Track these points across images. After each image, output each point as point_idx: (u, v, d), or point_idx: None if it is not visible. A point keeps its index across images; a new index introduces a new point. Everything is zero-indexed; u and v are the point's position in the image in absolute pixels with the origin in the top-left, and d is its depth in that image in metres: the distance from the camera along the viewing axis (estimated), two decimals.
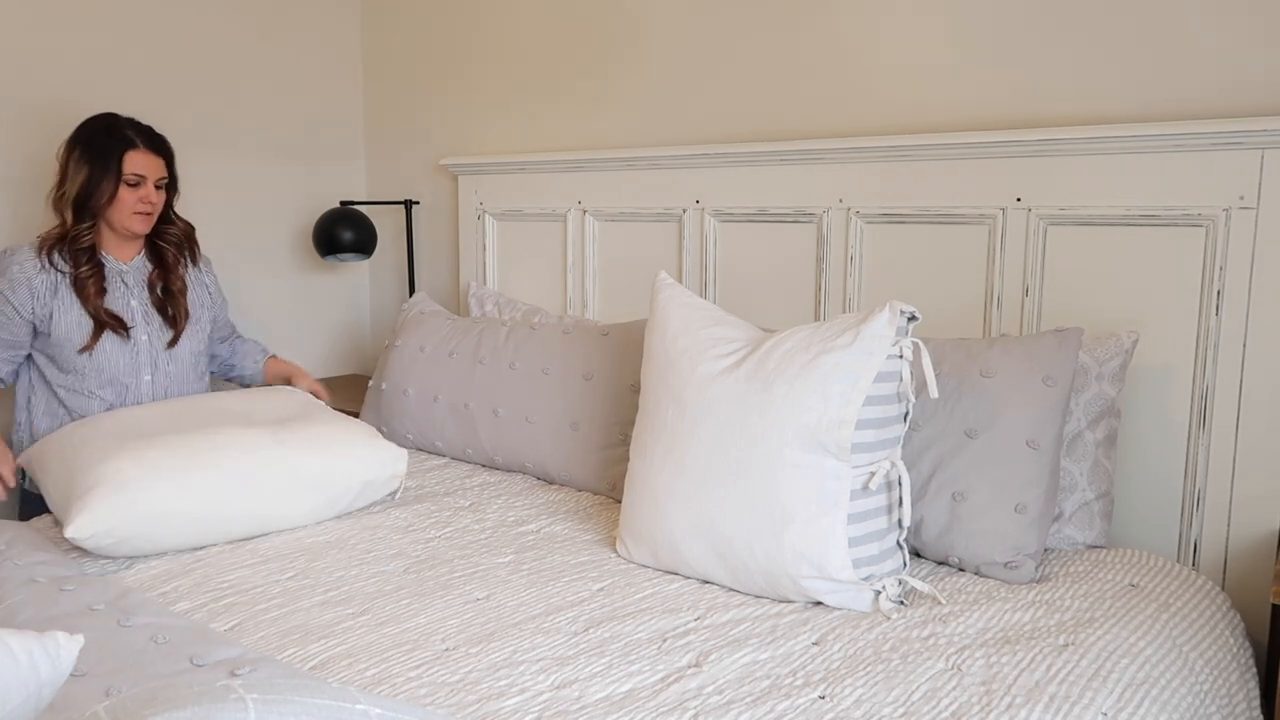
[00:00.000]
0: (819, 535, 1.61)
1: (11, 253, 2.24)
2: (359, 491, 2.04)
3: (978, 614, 1.57)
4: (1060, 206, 1.94)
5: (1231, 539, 1.82)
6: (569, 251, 2.74)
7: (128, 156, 2.22)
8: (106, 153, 2.21)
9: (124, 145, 2.22)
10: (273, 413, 2.14)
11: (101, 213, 2.23)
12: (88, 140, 2.23)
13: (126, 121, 2.27)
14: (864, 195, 2.19)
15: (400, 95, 3.20)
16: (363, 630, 1.54)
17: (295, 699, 0.82)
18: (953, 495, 1.75)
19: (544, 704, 1.33)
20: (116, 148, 2.21)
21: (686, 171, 2.47)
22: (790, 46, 2.33)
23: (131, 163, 2.22)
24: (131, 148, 2.23)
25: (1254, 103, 1.77)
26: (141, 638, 1.45)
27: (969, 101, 2.08)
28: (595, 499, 2.18)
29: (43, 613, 1.53)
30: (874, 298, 2.19)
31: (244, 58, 2.99)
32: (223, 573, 1.76)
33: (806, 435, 1.62)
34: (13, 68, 2.54)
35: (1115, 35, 1.91)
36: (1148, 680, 1.38)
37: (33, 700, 1.00)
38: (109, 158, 2.21)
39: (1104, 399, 1.84)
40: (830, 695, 1.34)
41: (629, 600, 1.66)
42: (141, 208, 2.26)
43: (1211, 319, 1.80)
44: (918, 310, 1.67)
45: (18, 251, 2.24)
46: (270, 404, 2.19)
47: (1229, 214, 1.77)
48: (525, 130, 2.87)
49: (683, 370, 1.78)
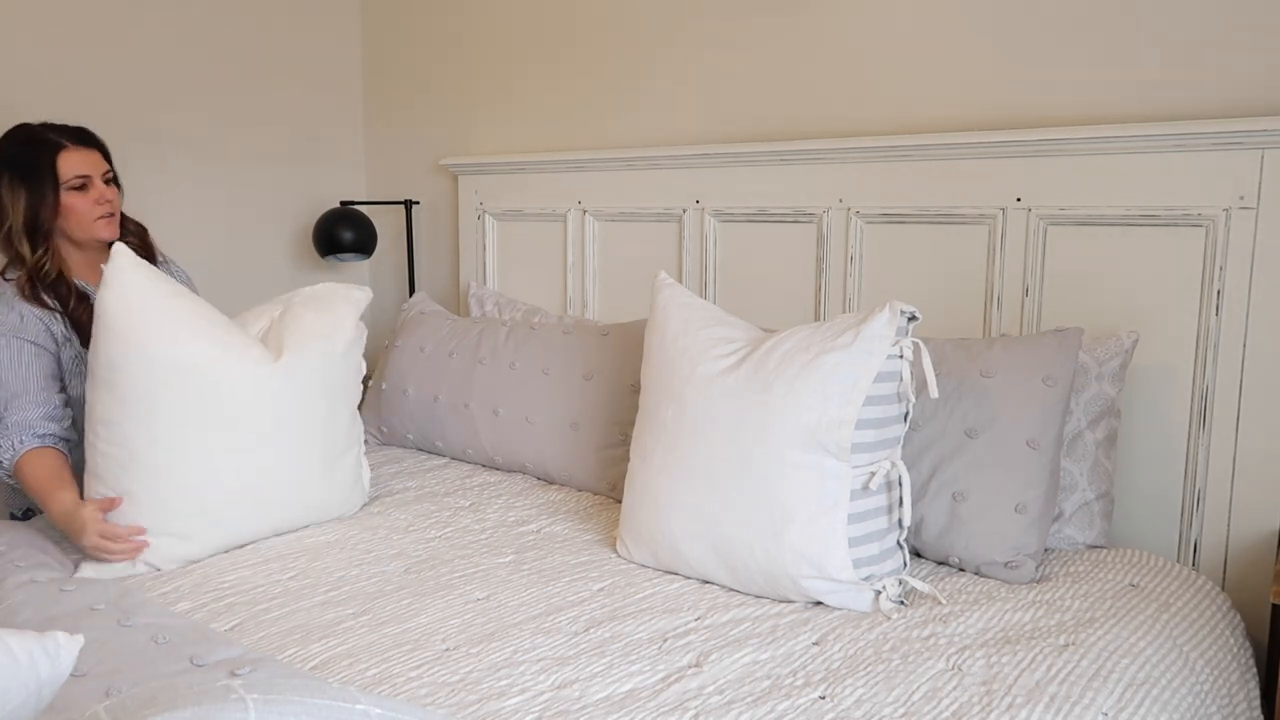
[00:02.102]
0: (819, 535, 1.61)
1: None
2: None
3: (978, 614, 1.57)
4: (1060, 206, 1.94)
5: (1231, 539, 1.82)
6: (569, 251, 2.74)
7: (61, 159, 2.00)
8: (37, 164, 1.99)
9: (52, 150, 2.00)
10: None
11: (56, 232, 2.02)
12: (11, 159, 2.01)
13: (43, 126, 2.05)
14: (864, 195, 2.19)
15: (400, 95, 3.20)
16: (363, 630, 1.54)
17: (296, 699, 0.82)
18: (953, 495, 1.75)
19: (544, 704, 1.33)
20: (46, 155, 1.99)
21: (686, 171, 2.47)
22: (790, 46, 2.33)
23: (68, 164, 2.00)
24: (60, 150, 2.00)
25: (1254, 103, 1.77)
26: (142, 638, 1.45)
27: (969, 101, 2.08)
28: (595, 499, 2.18)
29: (43, 613, 1.54)
30: (874, 298, 2.19)
31: (244, 58, 2.99)
32: (223, 573, 1.76)
33: (806, 435, 1.62)
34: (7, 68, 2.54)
35: (1115, 35, 1.91)
36: (1148, 680, 1.38)
37: (33, 700, 1.00)
38: (41, 169, 1.98)
39: (1104, 399, 1.84)
40: (831, 695, 1.34)
41: (629, 600, 1.66)
42: (101, 210, 2.04)
43: (1211, 319, 1.80)
44: (918, 310, 1.67)
45: (3, 296, 1.99)
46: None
47: (1229, 214, 1.77)
48: (525, 130, 2.87)
49: (683, 370, 1.78)
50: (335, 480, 2.02)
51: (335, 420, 2.01)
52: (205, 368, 1.79)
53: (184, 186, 2.88)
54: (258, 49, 3.02)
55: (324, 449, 1.98)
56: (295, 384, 1.90)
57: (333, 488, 2.01)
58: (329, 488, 2.01)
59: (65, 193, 2.01)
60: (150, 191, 2.78)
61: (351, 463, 2.07)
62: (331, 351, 1.97)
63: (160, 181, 2.82)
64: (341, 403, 2.03)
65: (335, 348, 1.98)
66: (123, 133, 2.71)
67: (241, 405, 1.83)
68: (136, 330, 1.74)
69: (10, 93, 2.54)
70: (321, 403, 1.97)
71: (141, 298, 1.77)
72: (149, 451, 1.76)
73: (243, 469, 1.84)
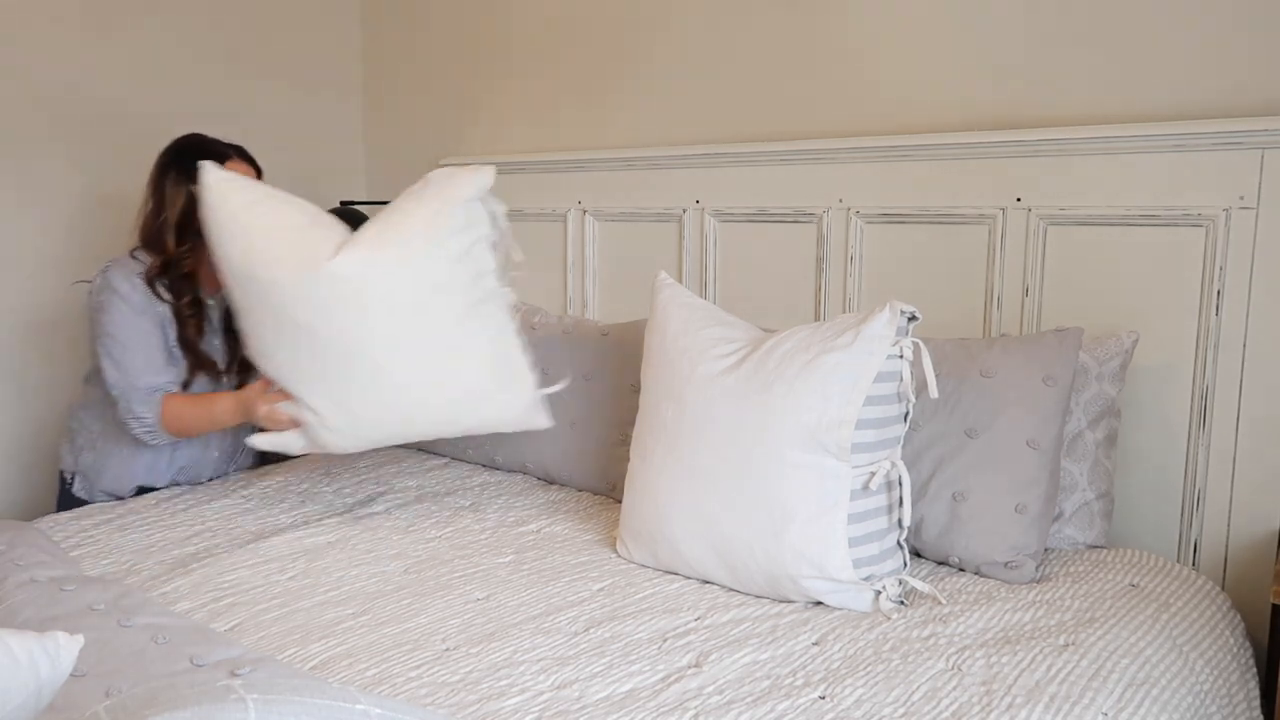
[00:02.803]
0: (819, 535, 1.61)
1: (114, 273, 2.10)
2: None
3: (978, 614, 1.57)
4: (1060, 206, 1.94)
5: (1231, 539, 1.82)
6: (569, 251, 2.74)
7: (226, 168, 2.09)
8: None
9: (219, 158, 2.11)
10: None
11: (198, 235, 2.08)
12: (179, 159, 2.14)
13: (207, 137, 2.20)
14: (864, 195, 2.19)
15: (400, 95, 3.20)
16: (363, 630, 1.54)
17: (295, 699, 0.82)
18: (953, 495, 1.75)
19: (544, 704, 1.33)
20: (212, 160, 2.08)
21: (686, 171, 2.47)
22: (790, 46, 2.33)
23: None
24: (226, 159, 2.14)
25: (1254, 103, 1.77)
26: (142, 638, 1.45)
27: (969, 101, 2.08)
28: (595, 499, 2.18)
29: (43, 613, 1.53)
30: (874, 298, 2.19)
31: (243, 58, 2.99)
32: (223, 573, 1.76)
33: (806, 435, 1.62)
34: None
35: (1116, 35, 1.91)
36: (1148, 680, 1.38)
37: (33, 700, 1.00)
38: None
39: (1104, 399, 1.84)
40: (830, 695, 1.34)
41: (629, 600, 1.66)
42: None
43: (1211, 319, 1.80)
44: (918, 310, 1.67)
45: (121, 271, 2.10)
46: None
47: (1229, 214, 1.77)
48: (525, 130, 2.87)
49: (683, 370, 1.78)
50: (457, 386, 1.93)
51: (435, 321, 1.91)
52: (274, 281, 1.88)
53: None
54: (257, 49, 3.02)
55: (426, 354, 1.91)
56: (350, 289, 1.85)
57: (455, 395, 1.94)
58: (450, 396, 1.94)
59: None
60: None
61: (476, 366, 1.94)
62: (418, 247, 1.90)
63: None
64: (443, 305, 1.91)
65: (416, 243, 1.90)
66: (123, 132, 2.72)
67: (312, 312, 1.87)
68: (230, 255, 1.92)
69: (11, 93, 2.54)
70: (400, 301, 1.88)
71: (230, 220, 1.92)
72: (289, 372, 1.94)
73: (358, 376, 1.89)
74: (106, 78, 2.69)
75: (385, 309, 1.87)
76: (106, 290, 2.09)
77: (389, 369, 1.89)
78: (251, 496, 2.19)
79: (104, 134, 2.70)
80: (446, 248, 1.91)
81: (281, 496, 2.20)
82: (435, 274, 1.90)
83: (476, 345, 1.96)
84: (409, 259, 1.88)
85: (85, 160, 2.68)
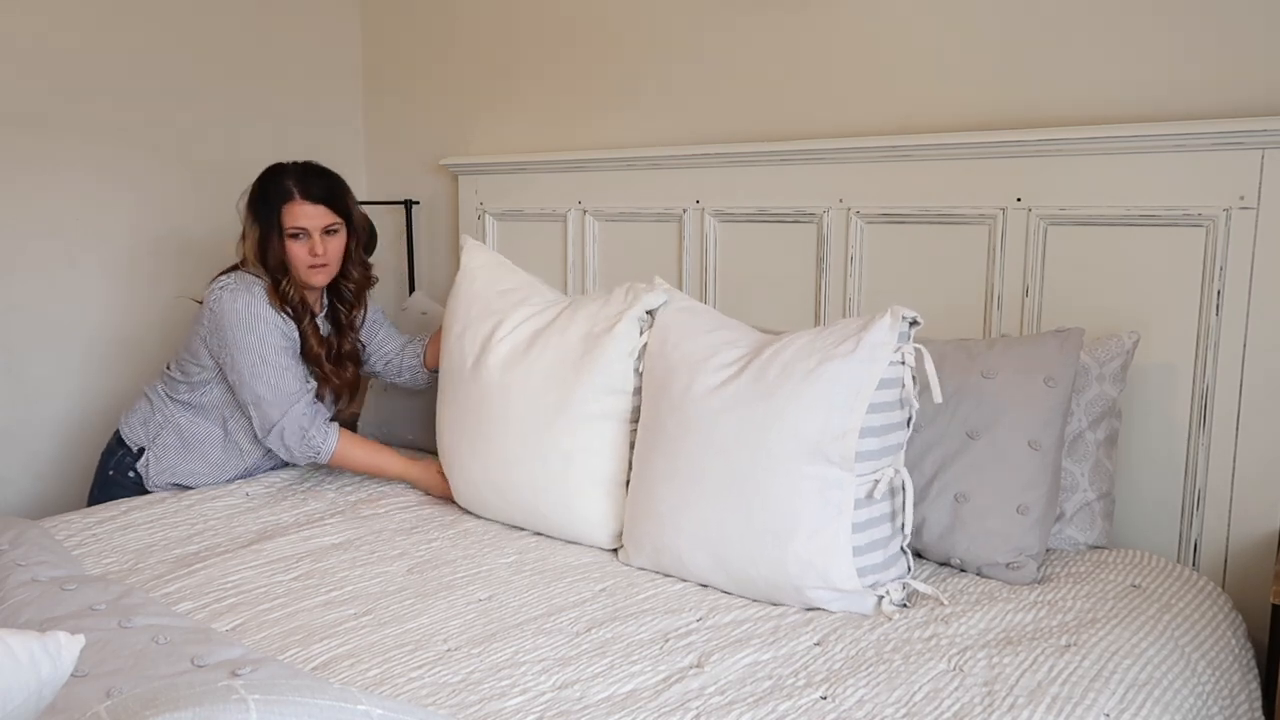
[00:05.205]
0: (823, 546, 1.60)
1: (249, 292, 2.14)
2: None
3: (980, 615, 1.57)
4: (1060, 206, 1.94)
5: (1231, 539, 1.82)
6: (569, 251, 2.74)
7: (285, 210, 2.16)
8: (269, 209, 2.17)
9: (281, 199, 2.16)
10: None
11: (282, 268, 2.18)
12: (254, 197, 2.20)
13: (290, 169, 2.21)
14: (864, 195, 2.19)
15: (400, 95, 3.20)
16: (365, 631, 1.54)
17: (297, 699, 0.82)
18: (955, 497, 1.75)
19: (546, 704, 1.33)
20: (276, 202, 2.17)
21: (686, 171, 2.46)
22: (790, 46, 2.33)
23: (290, 216, 2.16)
24: (288, 200, 2.16)
25: (1254, 103, 1.77)
26: (143, 638, 1.45)
27: (969, 101, 2.08)
28: None
29: (44, 612, 1.53)
30: (874, 298, 2.19)
31: (243, 58, 2.98)
32: (225, 574, 1.76)
33: (810, 446, 1.61)
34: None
35: (1115, 35, 1.91)
36: (1150, 681, 1.38)
37: (33, 700, 1.00)
38: (270, 214, 2.16)
39: (1105, 399, 1.84)
40: (832, 696, 1.34)
41: (631, 601, 1.66)
42: (312, 260, 2.17)
43: (1211, 319, 1.80)
44: (919, 315, 1.66)
45: (252, 291, 2.15)
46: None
47: (1229, 214, 1.77)
48: (525, 130, 2.87)
49: (683, 380, 1.77)
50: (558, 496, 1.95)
51: (548, 427, 1.95)
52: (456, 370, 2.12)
53: (184, 186, 2.87)
54: (257, 49, 3.02)
55: (541, 459, 1.96)
56: (498, 387, 2.03)
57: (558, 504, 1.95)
58: (554, 503, 1.95)
59: (286, 238, 2.18)
60: (151, 191, 2.78)
61: (575, 486, 1.93)
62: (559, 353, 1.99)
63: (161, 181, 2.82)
64: (556, 409, 1.95)
65: (562, 354, 1.98)
66: (122, 132, 2.72)
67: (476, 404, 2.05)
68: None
69: (12, 93, 2.54)
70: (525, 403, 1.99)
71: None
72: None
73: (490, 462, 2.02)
74: (106, 78, 2.68)
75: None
76: (249, 311, 2.12)
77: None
78: (254, 496, 2.19)
79: (104, 134, 2.70)
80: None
81: (284, 496, 2.20)
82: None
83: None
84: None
85: (85, 160, 2.68)
